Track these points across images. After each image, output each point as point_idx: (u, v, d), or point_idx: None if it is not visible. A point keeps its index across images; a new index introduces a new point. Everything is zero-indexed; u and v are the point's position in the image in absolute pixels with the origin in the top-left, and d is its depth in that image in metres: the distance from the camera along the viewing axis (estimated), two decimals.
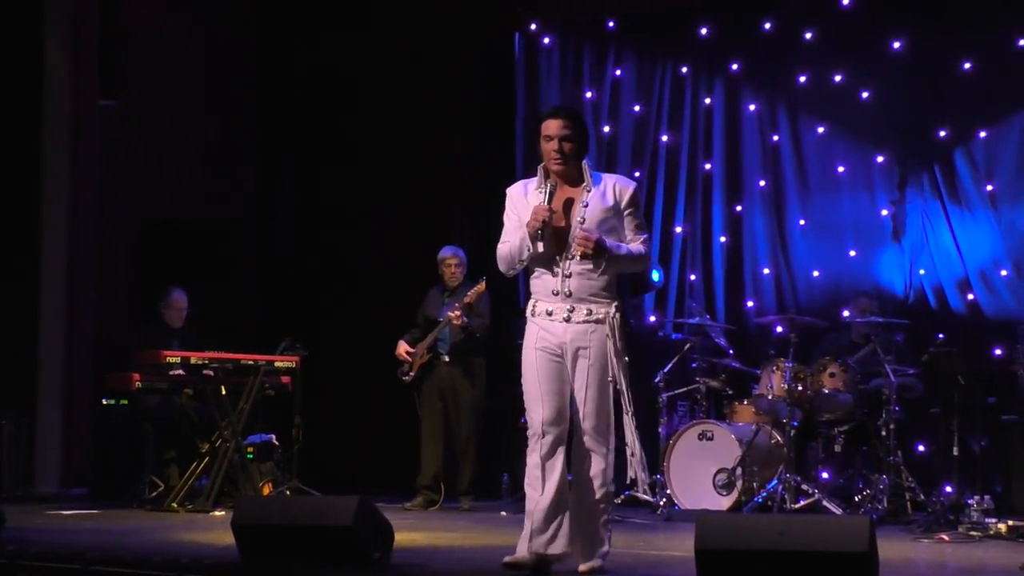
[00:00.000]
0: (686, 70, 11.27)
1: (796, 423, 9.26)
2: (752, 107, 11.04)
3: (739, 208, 11.07)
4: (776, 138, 10.98)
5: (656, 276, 10.81)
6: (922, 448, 9.87)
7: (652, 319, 11.12)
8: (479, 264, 9.59)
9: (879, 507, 8.87)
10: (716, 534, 5.41)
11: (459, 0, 11.48)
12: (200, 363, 9.45)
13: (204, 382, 9.50)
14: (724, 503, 9.35)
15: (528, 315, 6.05)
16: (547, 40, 11.60)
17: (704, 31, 11.15)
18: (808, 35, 10.77)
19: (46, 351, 10.75)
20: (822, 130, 10.82)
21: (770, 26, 10.91)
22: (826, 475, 9.51)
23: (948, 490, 8.75)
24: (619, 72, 11.43)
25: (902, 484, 9.04)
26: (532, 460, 5.93)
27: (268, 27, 12.27)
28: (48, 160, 10.85)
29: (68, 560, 6.25)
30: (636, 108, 11.38)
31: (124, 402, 10.04)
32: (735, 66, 11.06)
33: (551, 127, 5.99)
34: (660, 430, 9.87)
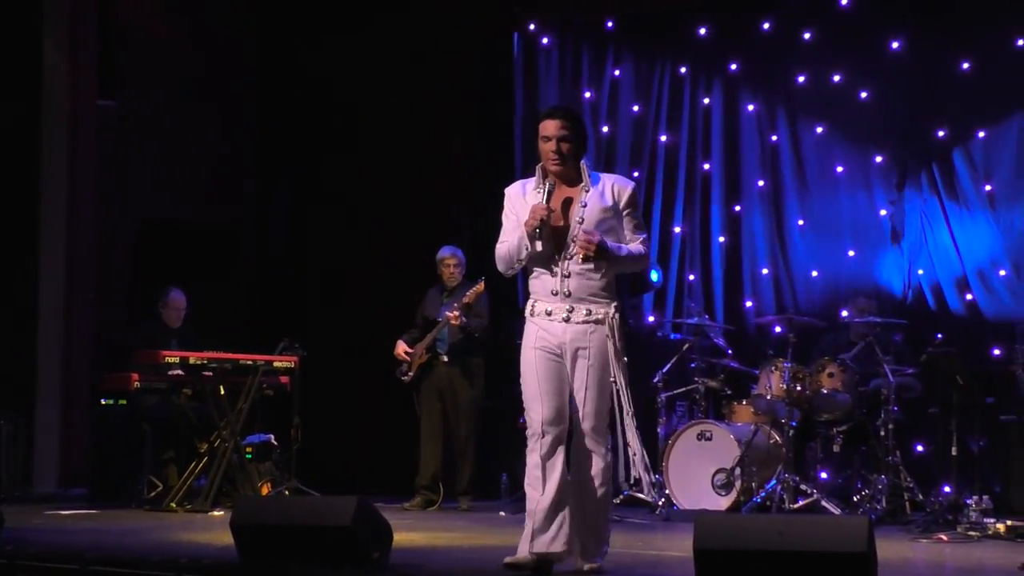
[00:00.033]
0: (685, 70, 11.26)
1: (795, 423, 9.26)
2: (751, 107, 11.04)
3: (738, 208, 11.07)
4: (775, 138, 10.98)
5: (655, 276, 10.81)
6: (921, 448, 9.87)
7: (651, 319, 11.11)
8: (478, 264, 9.58)
9: (878, 507, 8.86)
10: (715, 534, 5.41)
11: (458, 0, 11.48)
12: (199, 363, 9.45)
13: (203, 382, 9.50)
14: (723, 503, 9.35)
15: (527, 315, 6.04)
16: (546, 40, 11.59)
17: (703, 31, 11.14)
18: (807, 35, 10.77)
19: (44, 351, 10.74)
20: (821, 130, 10.82)
21: (769, 26, 10.90)
22: (825, 475, 9.51)
23: (947, 490, 8.75)
24: (618, 72, 11.43)
25: (901, 484, 9.04)
26: (532, 460, 5.92)
27: (267, 27, 12.27)
28: (46, 160, 10.84)
29: (66, 560, 6.26)
30: (635, 108, 11.38)
31: (123, 402, 10.04)
32: (734, 66, 11.06)
33: (549, 128, 5.98)
34: (659, 430, 9.87)
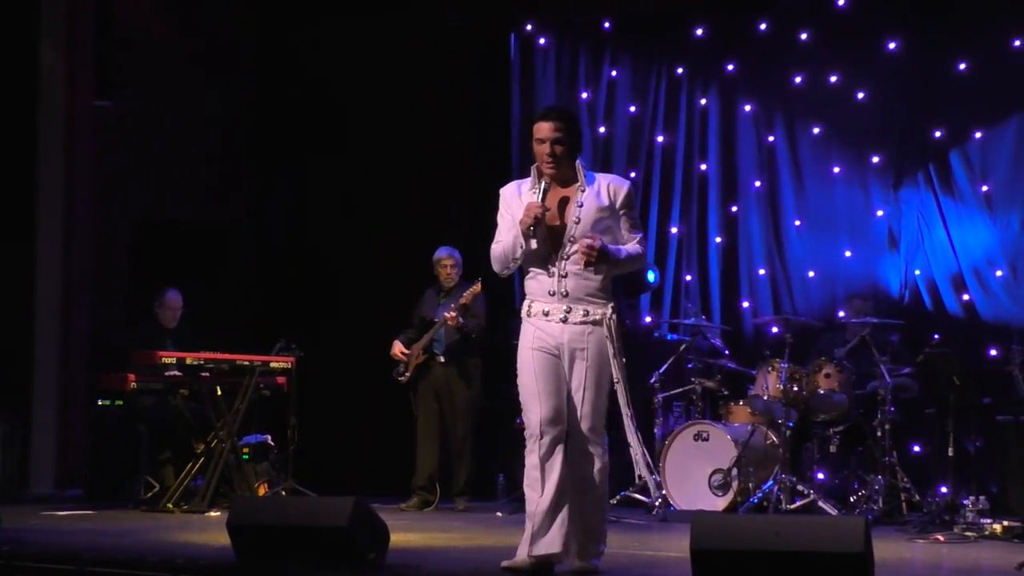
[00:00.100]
0: (682, 71, 11.27)
1: (792, 424, 9.27)
2: (748, 108, 11.04)
3: (735, 209, 11.08)
4: (772, 139, 10.99)
5: (652, 277, 10.81)
6: (917, 449, 9.87)
7: (648, 320, 11.11)
8: (475, 265, 9.59)
9: (875, 507, 8.86)
10: (712, 534, 5.41)
11: (456, 0, 11.48)
12: (196, 364, 9.44)
13: (199, 383, 9.49)
14: (720, 503, 9.35)
15: (523, 316, 6.02)
16: (543, 40, 11.59)
17: (700, 32, 11.14)
18: (804, 36, 10.77)
19: (41, 351, 10.73)
20: (818, 131, 10.82)
21: (766, 27, 10.90)
22: (822, 475, 9.52)
23: (943, 490, 8.75)
24: (615, 72, 11.43)
25: (897, 484, 9.04)
26: (531, 461, 5.90)
27: (264, 27, 12.26)
28: (43, 160, 10.83)
29: (63, 561, 6.26)
30: (632, 109, 11.38)
31: (119, 403, 10.03)
32: (731, 67, 11.07)
33: (543, 130, 5.95)
34: (656, 431, 9.88)
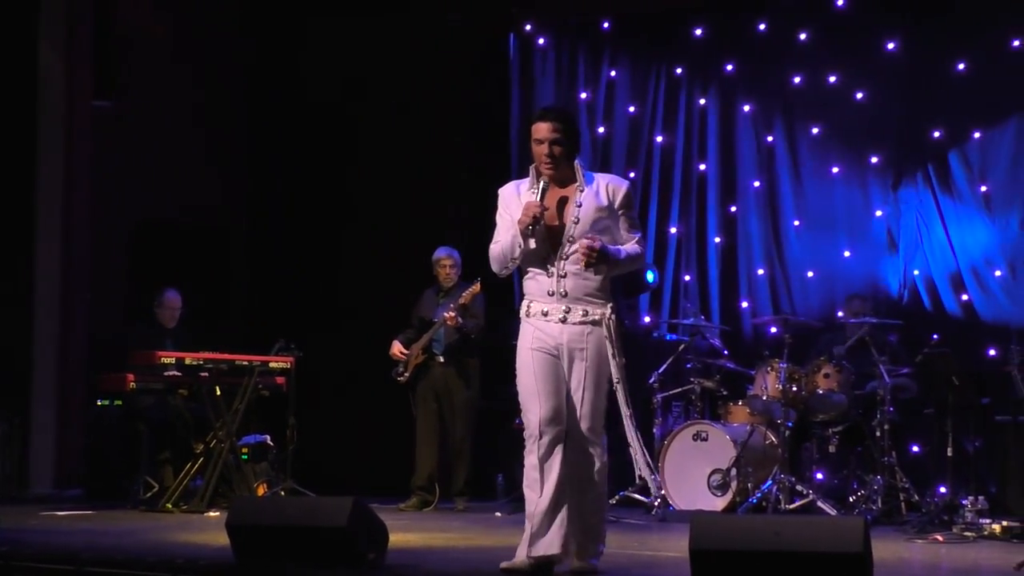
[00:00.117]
0: (681, 71, 11.27)
1: (791, 424, 9.27)
2: (747, 108, 11.05)
3: (734, 209, 11.08)
4: (771, 139, 10.99)
5: (651, 277, 10.81)
6: (916, 449, 9.87)
7: (647, 320, 11.11)
8: (474, 265, 9.58)
9: (873, 508, 8.86)
10: (711, 534, 5.41)
11: (455, 1, 11.47)
12: (195, 364, 9.44)
13: (199, 383, 9.49)
14: (719, 504, 9.35)
15: (522, 316, 6.01)
16: (542, 41, 11.59)
17: (699, 32, 11.15)
18: (802, 36, 10.78)
19: (40, 351, 10.72)
20: (817, 131, 10.83)
21: (764, 27, 10.91)
22: (820, 476, 9.52)
23: (942, 491, 8.76)
24: (614, 73, 11.43)
25: (896, 485, 9.04)
26: (530, 462, 5.88)
27: (263, 28, 12.25)
28: (42, 161, 10.81)
29: (62, 561, 6.26)
30: (631, 109, 11.38)
31: (118, 403, 10.02)
32: (729, 67, 11.07)
33: (541, 130, 5.93)
34: (655, 431, 9.88)
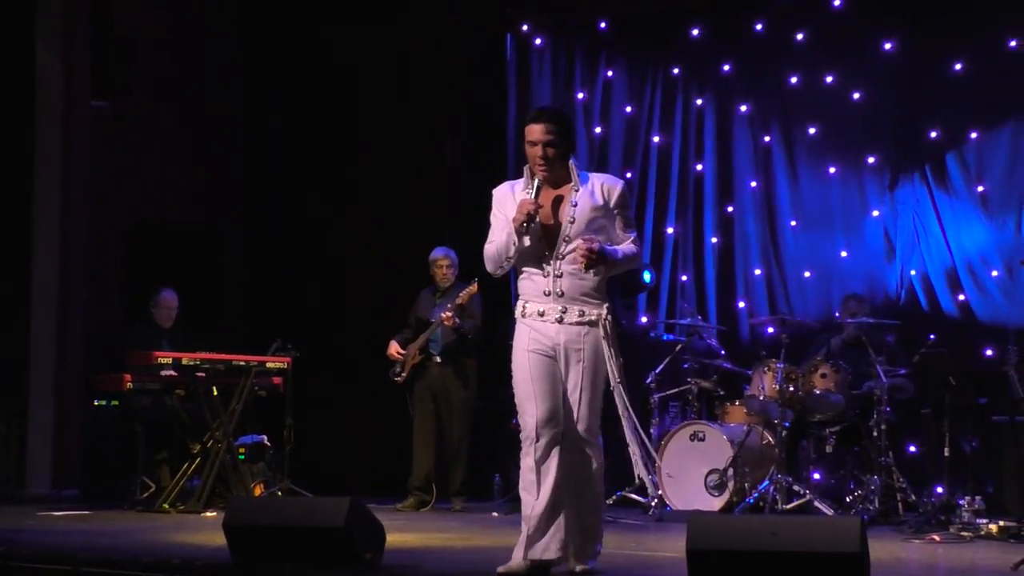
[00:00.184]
0: (677, 71, 11.28)
1: (787, 424, 9.27)
2: (743, 108, 11.05)
3: (730, 209, 11.09)
4: (767, 139, 10.99)
5: (648, 277, 10.81)
6: (913, 449, 9.88)
7: (644, 320, 11.11)
8: (471, 265, 9.57)
9: (870, 508, 8.87)
10: (708, 535, 5.42)
11: (452, 1, 11.48)
12: (192, 364, 9.44)
13: (196, 383, 9.49)
14: (716, 504, 9.36)
15: (518, 316, 5.99)
16: (539, 41, 11.60)
17: (695, 32, 11.15)
18: (799, 36, 10.78)
19: (38, 351, 10.72)
20: (813, 131, 10.82)
21: (761, 27, 10.91)
22: (817, 476, 9.52)
23: (939, 491, 8.75)
24: (610, 73, 11.44)
25: (893, 485, 9.05)
26: (526, 464, 5.87)
27: (260, 28, 12.26)
28: (40, 161, 10.81)
29: (59, 561, 6.26)
30: (628, 109, 11.39)
31: (115, 403, 10.01)
32: (726, 67, 11.07)
33: (534, 132, 5.91)
34: (652, 431, 9.87)
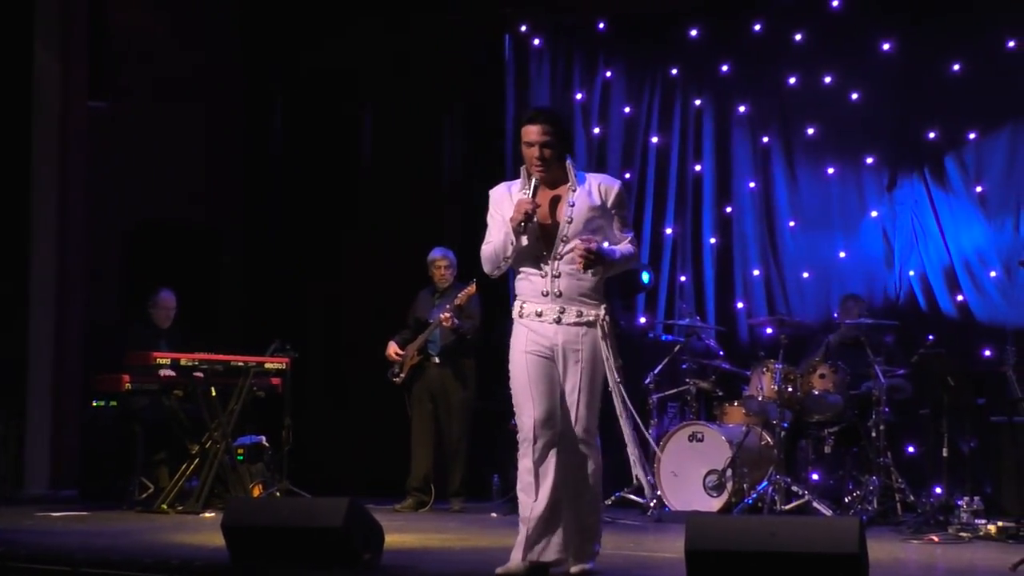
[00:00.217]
0: (676, 71, 11.27)
1: (786, 424, 9.28)
2: (742, 108, 11.05)
3: (729, 209, 11.08)
4: (766, 139, 10.99)
5: (646, 277, 10.81)
6: (912, 449, 9.88)
7: (642, 320, 11.11)
8: (469, 266, 9.56)
9: (869, 508, 8.87)
10: (706, 535, 5.42)
11: (450, 2, 11.48)
12: (190, 364, 9.44)
13: (194, 383, 9.48)
14: (714, 504, 9.36)
15: (515, 317, 5.97)
16: (537, 42, 11.59)
17: (694, 33, 11.15)
18: (798, 37, 10.78)
19: (36, 352, 10.71)
20: (812, 131, 10.82)
21: (760, 28, 10.91)
22: (816, 476, 9.53)
23: (938, 491, 8.76)
24: (609, 74, 11.44)
25: (892, 485, 9.05)
26: (524, 465, 5.86)
27: (258, 28, 12.26)
28: (38, 161, 10.81)
29: (57, 562, 6.26)
30: (626, 110, 11.39)
31: (114, 403, 9.99)
32: (725, 67, 11.07)
33: (531, 133, 5.90)
34: (650, 431, 9.86)
